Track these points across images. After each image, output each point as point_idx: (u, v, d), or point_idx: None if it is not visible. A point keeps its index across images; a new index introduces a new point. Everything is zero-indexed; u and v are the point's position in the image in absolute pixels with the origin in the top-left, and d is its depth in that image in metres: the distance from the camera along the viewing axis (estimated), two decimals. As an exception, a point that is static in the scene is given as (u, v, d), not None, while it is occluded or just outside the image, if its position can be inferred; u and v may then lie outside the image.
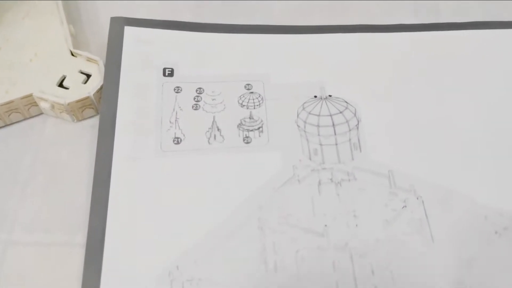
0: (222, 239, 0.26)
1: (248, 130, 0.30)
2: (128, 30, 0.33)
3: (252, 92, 0.31)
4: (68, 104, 0.29)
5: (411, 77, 0.32)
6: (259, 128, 0.30)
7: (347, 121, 0.30)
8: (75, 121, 0.30)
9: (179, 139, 0.29)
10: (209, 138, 0.29)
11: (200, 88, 0.31)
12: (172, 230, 0.26)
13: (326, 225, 0.27)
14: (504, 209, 0.28)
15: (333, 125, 0.30)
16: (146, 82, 0.31)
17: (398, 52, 0.33)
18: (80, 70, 0.30)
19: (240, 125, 0.30)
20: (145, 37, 0.33)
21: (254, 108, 0.31)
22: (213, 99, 0.31)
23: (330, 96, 0.31)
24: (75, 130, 0.30)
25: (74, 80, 0.30)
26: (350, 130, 0.30)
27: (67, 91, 0.29)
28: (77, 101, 0.29)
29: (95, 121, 0.30)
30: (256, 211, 0.27)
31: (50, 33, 0.32)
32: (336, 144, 0.29)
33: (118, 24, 0.33)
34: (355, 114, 0.30)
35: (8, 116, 0.29)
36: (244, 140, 0.29)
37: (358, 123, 0.30)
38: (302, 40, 0.34)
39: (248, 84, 0.32)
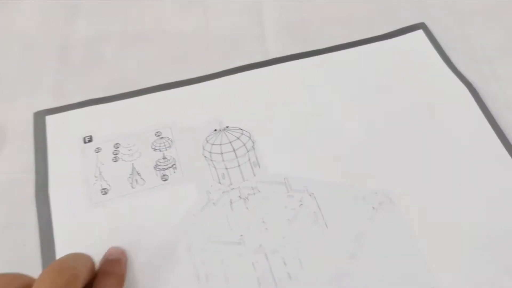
0: (159, 267, 0.31)
1: (163, 169, 0.35)
2: (49, 118, 0.38)
3: (162, 137, 0.37)
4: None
5: (289, 99, 0.39)
6: (172, 165, 0.35)
7: (244, 144, 0.36)
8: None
9: (106, 190, 0.34)
10: (131, 183, 0.34)
11: (117, 144, 0.36)
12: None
13: (241, 235, 0.33)
14: (378, 188, 0.35)
15: (234, 150, 0.36)
16: (70, 152, 0.36)
17: (271, 82, 0.40)
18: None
19: (156, 166, 0.35)
20: (64, 119, 0.38)
21: (166, 149, 0.36)
22: (129, 150, 0.36)
23: (227, 127, 0.37)
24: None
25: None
26: (248, 151, 0.36)
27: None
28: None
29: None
30: (183, 237, 0.32)
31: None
32: (239, 166, 0.35)
33: (40, 116, 0.38)
34: (250, 138, 0.37)
35: None
36: (162, 178, 0.35)
37: (253, 144, 0.36)
38: (196, 88, 0.40)
39: (157, 132, 0.37)
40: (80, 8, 0.46)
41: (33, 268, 0.31)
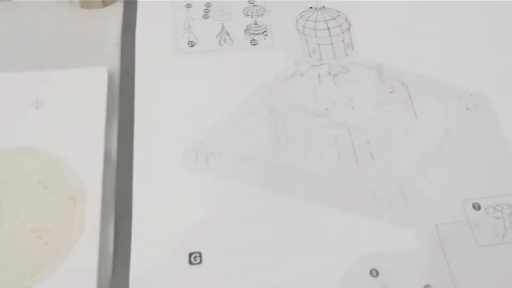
0: (239, 119, 0.30)
1: (254, 34, 0.34)
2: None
3: (255, 5, 0.35)
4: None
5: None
6: (263, 32, 0.34)
7: (340, 25, 0.34)
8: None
9: (192, 43, 0.33)
10: (219, 41, 0.33)
11: (208, 3, 0.35)
12: (194, 112, 0.31)
13: (326, 109, 0.31)
14: (475, 90, 0.33)
15: (328, 28, 0.34)
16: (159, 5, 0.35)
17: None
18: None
19: (246, 30, 0.34)
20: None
21: (258, 16, 0.35)
22: (220, 11, 0.35)
23: (323, 7, 0.35)
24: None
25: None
26: (343, 32, 0.34)
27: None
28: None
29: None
30: (267, 98, 0.31)
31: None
32: (332, 44, 0.34)
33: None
34: (346, 20, 0.35)
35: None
36: (251, 42, 0.34)
37: (349, 27, 0.34)
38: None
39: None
40: None
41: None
